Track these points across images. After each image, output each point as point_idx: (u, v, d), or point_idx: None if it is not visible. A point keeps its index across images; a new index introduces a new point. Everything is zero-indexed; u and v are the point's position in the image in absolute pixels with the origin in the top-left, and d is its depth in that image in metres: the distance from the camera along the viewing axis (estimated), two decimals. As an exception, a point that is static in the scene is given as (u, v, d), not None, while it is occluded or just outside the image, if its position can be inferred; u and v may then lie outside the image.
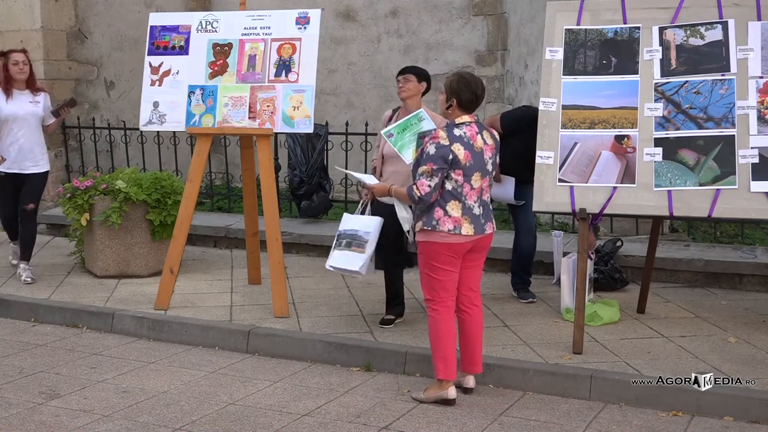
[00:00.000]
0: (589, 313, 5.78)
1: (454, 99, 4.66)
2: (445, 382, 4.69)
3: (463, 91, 4.64)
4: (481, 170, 4.64)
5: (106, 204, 7.15)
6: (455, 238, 4.60)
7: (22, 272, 7.18)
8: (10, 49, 7.21)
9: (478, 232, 4.65)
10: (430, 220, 4.62)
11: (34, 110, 7.05)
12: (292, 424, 4.49)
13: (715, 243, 7.40)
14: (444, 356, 4.67)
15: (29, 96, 7.05)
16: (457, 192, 4.59)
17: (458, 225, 4.59)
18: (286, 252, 7.09)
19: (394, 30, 9.68)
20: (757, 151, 5.12)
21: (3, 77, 6.98)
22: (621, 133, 5.37)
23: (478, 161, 4.62)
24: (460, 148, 4.55)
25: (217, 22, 6.62)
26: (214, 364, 5.46)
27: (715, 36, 5.32)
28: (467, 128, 4.63)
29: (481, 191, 4.68)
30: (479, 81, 4.76)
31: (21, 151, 7.03)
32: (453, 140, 4.56)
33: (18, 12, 9.62)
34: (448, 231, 4.58)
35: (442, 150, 4.53)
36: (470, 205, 4.63)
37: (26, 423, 4.52)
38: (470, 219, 4.62)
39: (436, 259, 4.65)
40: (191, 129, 6.52)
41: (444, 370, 4.68)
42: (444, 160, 4.52)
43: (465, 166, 4.56)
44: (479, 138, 4.65)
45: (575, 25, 5.59)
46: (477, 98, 4.68)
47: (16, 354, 5.70)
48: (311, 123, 6.30)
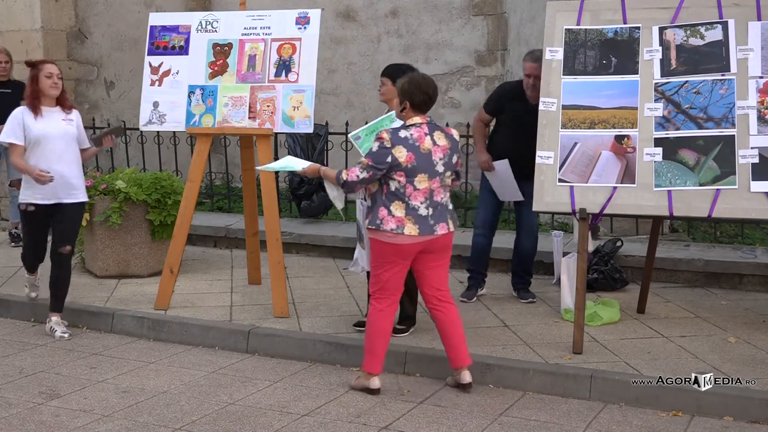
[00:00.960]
0: (589, 313, 5.78)
1: (407, 101, 4.76)
2: (368, 374, 4.85)
3: (415, 93, 4.73)
4: (427, 172, 4.68)
5: (106, 204, 7.15)
6: (399, 238, 4.67)
7: (56, 327, 6.01)
8: (42, 60, 6.13)
9: (424, 233, 4.69)
10: (374, 219, 4.72)
11: (67, 129, 5.93)
12: (292, 424, 4.49)
13: (715, 243, 7.40)
14: (371, 350, 4.83)
15: (60, 113, 5.92)
16: (399, 193, 4.67)
17: (401, 225, 4.66)
18: (286, 252, 7.09)
19: (394, 30, 9.69)
20: (757, 151, 5.12)
21: (30, 91, 5.89)
22: (621, 133, 5.37)
23: (424, 163, 4.66)
24: (402, 150, 4.62)
25: (217, 22, 6.62)
26: (214, 364, 5.46)
27: (715, 36, 5.32)
28: (416, 130, 4.70)
29: (430, 192, 4.72)
30: (431, 81, 4.84)
31: (54, 178, 5.84)
32: (396, 142, 4.64)
33: (18, 12, 9.63)
34: (391, 230, 4.66)
35: (382, 151, 4.64)
36: (415, 205, 4.68)
37: (26, 423, 4.52)
38: (414, 219, 4.68)
39: (381, 256, 4.77)
40: (191, 129, 6.52)
41: (368, 363, 4.85)
42: (380, 161, 4.63)
43: (407, 168, 4.63)
44: (428, 139, 4.70)
45: (575, 25, 5.59)
46: (429, 99, 4.77)
47: (16, 354, 5.70)
48: (311, 123, 6.30)
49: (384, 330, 4.83)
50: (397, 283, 4.82)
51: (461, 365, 4.87)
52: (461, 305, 6.33)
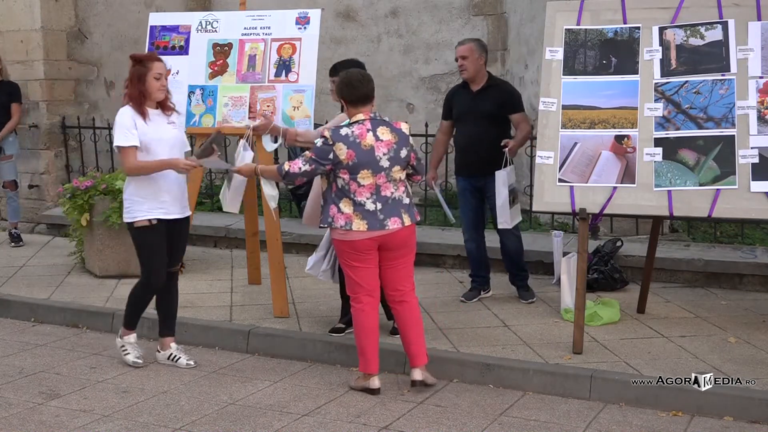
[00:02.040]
0: (589, 313, 5.77)
1: (342, 100, 4.87)
2: (367, 375, 4.86)
3: (345, 91, 4.83)
4: (370, 167, 4.72)
5: (106, 204, 7.15)
6: (349, 234, 4.73)
7: (180, 354, 5.45)
8: (150, 55, 5.39)
9: (373, 228, 4.73)
10: (326, 216, 4.82)
11: (176, 134, 5.33)
12: (292, 424, 4.49)
13: (715, 243, 7.40)
14: (362, 351, 4.86)
15: (163, 116, 5.26)
16: (345, 190, 4.75)
17: (349, 221, 4.73)
18: (286, 252, 7.08)
19: (394, 30, 9.68)
20: (757, 151, 5.12)
21: (138, 93, 5.16)
22: (621, 133, 5.37)
23: (366, 159, 4.70)
24: (342, 148, 4.69)
25: (217, 22, 6.62)
26: (214, 364, 5.46)
27: (715, 36, 5.31)
28: (358, 126, 4.75)
29: (377, 188, 4.75)
30: (361, 76, 4.87)
31: (170, 190, 5.25)
32: (337, 140, 4.71)
33: (18, 12, 9.61)
34: (341, 227, 4.73)
35: (324, 147, 4.73)
36: (361, 201, 4.73)
37: (26, 423, 4.52)
38: (362, 215, 4.73)
39: (344, 256, 4.84)
40: (191, 129, 6.51)
41: (363, 363, 4.88)
42: (322, 157, 4.72)
43: (348, 165, 4.69)
44: (369, 135, 4.73)
45: (575, 25, 5.58)
46: (362, 93, 4.80)
47: (16, 354, 5.70)
48: (311, 123, 6.30)
49: (370, 328, 4.84)
50: (370, 279, 4.84)
51: (416, 364, 4.89)
52: (460, 305, 6.34)
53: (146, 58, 5.26)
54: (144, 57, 5.29)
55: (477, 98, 6.20)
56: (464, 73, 6.22)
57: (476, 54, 6.16)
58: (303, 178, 4.89)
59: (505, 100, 6.16)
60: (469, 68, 6.16)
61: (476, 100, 6.19)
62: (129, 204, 5.24)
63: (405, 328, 4.93)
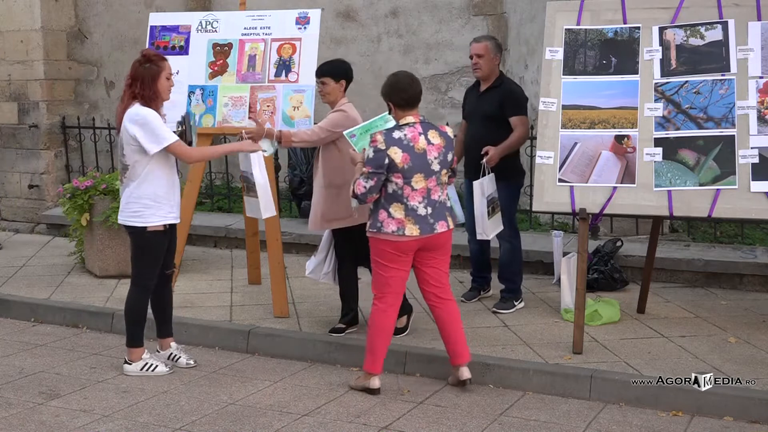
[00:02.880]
0: (589, 313, 5.77)
1: (389, 103, 4.79)
2: (368, 374, 4.85)
3: (392, 93, 4.77)
4: (423, 171, 4.69)
5: (106, 204, 7.15)
6: (400, 238, 4.68)
7: (180, 353, 5.44)
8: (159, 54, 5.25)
9: (424, 232, 4.71)
10: (375, 222, 4.73)
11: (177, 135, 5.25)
12: (292, 424, 4.49)
13: (715, 243, 7.39)
14: (373, 350, 4.83)
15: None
16: (398, 194, 4.68)
17: (401, 226, 4.68)
18: (286, 252, 7.09)
19: (394, 30, 9.68)
20: (757, 151, 5.12)
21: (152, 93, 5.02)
22: (621, 133, 5.37)
23: (419, 163, 4.67)
24: (397, 152, 4.62)
25: (217, 22, 6.62)
26: (214, 364, 5.46)
27: (715, 36, 5.31)
28: (409, 129, 4.70)
29: (428, 192, 4.73)
30: (408, 78, 4.83)
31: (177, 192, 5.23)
32: (390, 144, 4.63)
33: (18, 12, 9.61)
34: (392, 232, 4.67)
35: (378, 154, 4.63)
36: (413, 206, 4.69)
37: (26, 423, 4.52)
38: (414, 219, 4.69)
39: (382, 256, 4.77)
40: (191, 129, 6.51)
41: (370, 363, 4.84)
42: (379, 165, 4.62)
43: (403, 169, 4.64)
44: (422, 138, 4.70)
45: (575, 25, 5.58)
46: (410, 95, 4.75)
47: (16, 354, 5.70)
48: (311, 123, 6.29)
49: (387, 329, 4.83)
50: (400, 282, 4.82)
51: (460, 362, 4.88)
52: (460, 304, 6.32)
53: (158, 58, 5.11)
54: (156, 56, 5.12)
55: (481, 98, 6.11)
56: (477, 72, 6.08)
57: (492, 53, 6.02)
58: (374, 195, 4.69)
59: (504, 101, 5.98)
60: (483, 67, 6.03)
61: (480, 100, 6.11)
62: (142, 208, 5.06)
63: (450, 327, 4.89)
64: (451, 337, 4.88)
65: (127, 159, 5.05)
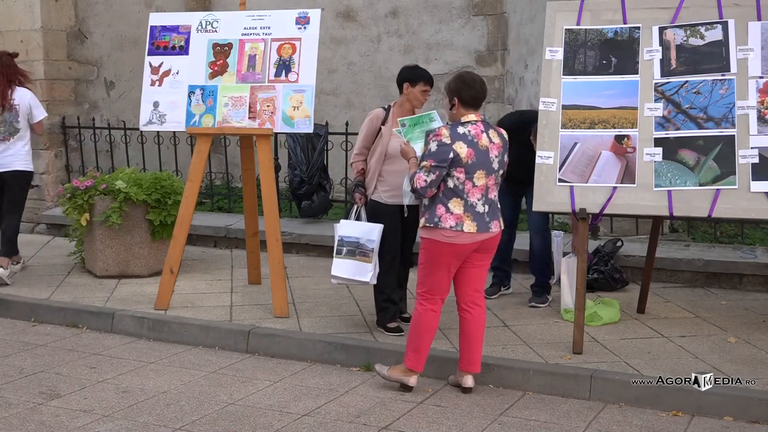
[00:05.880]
0: (589, 313, 5.77)
1: (456, 98, 4.74)
2: (408, 370, 4.85)
3: (463, 90, 4.73)
4: (485, 168, 4.67)
5: (106, 204, 7.15)
6: (458, 237, 4.63)
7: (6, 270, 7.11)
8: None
9: (481, 230, 4.68)
10: (432, 216, 4.67)
11: None
12: (292, 424, 4.49)
13: (715, 243, 7.40)
14: (417, 348, 4.82)
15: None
16: (459, 189, 4.64)
17: (460, 222, 4.63)
18: (286, 252, 7.09)
19: (394, 30, 9.68)
20: (757, 151, 5.12)
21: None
22: (621, 133, 5.37)
23: (482, 159, 4.65)
24: (462, 146, 4.60)
25: (217, 22, 6.62)
26: (214, 364, 5.46)
27: (715, 36, 5.31)
28: (472, 126, 4.69)
29: (486, 189, 4.71)
30: (478, 78, 4.84)
31: None
32: (455, 138, 4.61)
33: (18, 12, 9.61)
34: (450, 228, 4.62)
35: (443, 148, 4.60)
36: (473, 202, 4.66)
37: (26, 423, 4.52)
38: (473, 216, 4.65)
39: (438, 258, 4.71)
40: (191, 129, 6.52)
41: (413, 360, 4.84)
42: (443, 159, 4.59)
43: (467, 164, 4.61)
44: (484, 136, 4.69)
45: (575, 25, 5.59)
46: (478, 94, 4.75)
47: (16, 354, 5.70)
48: (311, 123, 6.30)
49: (431, 330, 4.83)
50: (448, 285, 4.82)
51: (469, 370, 4.87)
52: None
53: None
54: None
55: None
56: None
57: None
58: (433, 189, 4.66)
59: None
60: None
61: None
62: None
63: (473, 333, 4.85)
64: (471, 345, 4.86)
65: None
